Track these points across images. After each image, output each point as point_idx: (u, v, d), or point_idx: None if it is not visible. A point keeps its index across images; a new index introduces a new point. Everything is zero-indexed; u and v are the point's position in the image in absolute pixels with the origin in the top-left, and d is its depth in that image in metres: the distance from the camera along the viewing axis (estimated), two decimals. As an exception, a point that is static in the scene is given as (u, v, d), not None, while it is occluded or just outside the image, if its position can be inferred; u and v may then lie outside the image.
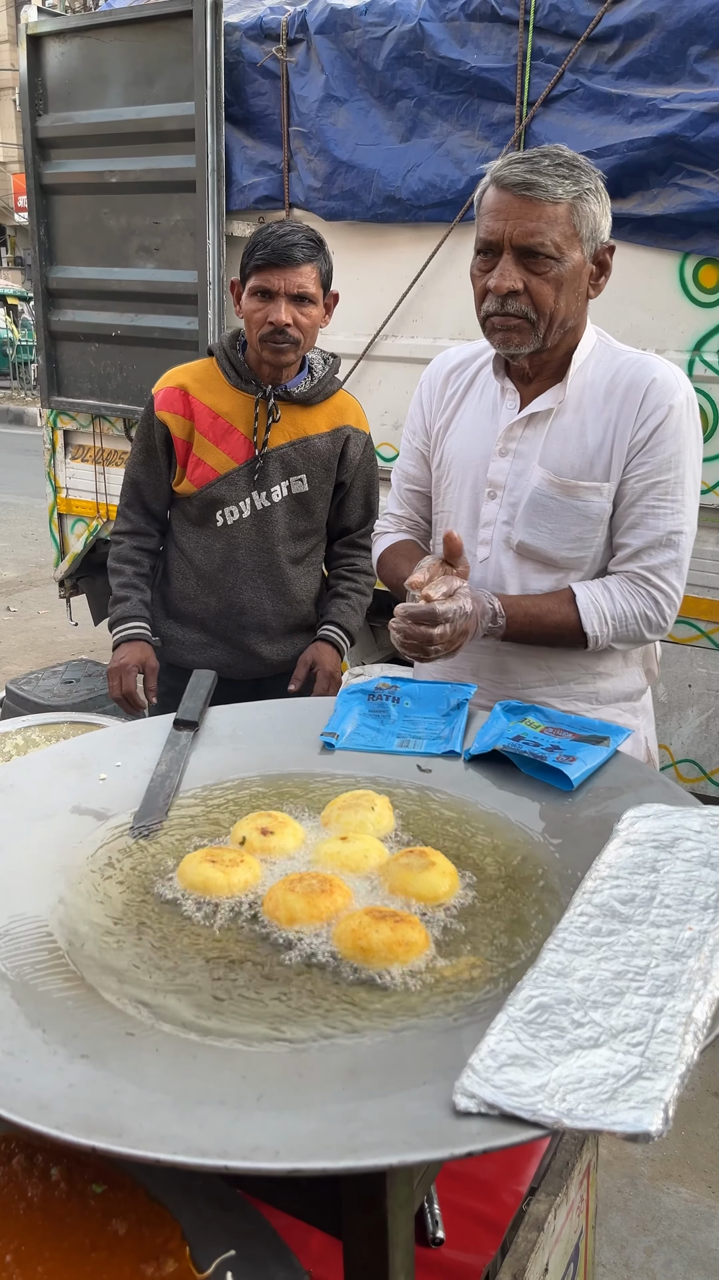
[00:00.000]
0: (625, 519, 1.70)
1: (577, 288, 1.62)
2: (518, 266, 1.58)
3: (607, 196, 1.62)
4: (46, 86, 3.99)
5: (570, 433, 1.70)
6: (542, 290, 1.59)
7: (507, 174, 1.57)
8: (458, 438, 1.83)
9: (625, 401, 1.66)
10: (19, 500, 9.75)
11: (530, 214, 1.55)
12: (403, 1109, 0.78)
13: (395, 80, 3.20)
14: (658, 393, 1.64)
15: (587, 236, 1.59)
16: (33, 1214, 0.83)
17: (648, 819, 1.17)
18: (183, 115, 3.58)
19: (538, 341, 1.64)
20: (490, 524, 1.77)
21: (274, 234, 2.13)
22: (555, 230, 1.55)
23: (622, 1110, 0.74)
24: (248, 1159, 0.72)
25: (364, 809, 1.24)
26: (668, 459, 1.65)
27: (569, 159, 1.58)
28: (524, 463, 1.73)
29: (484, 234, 1.61)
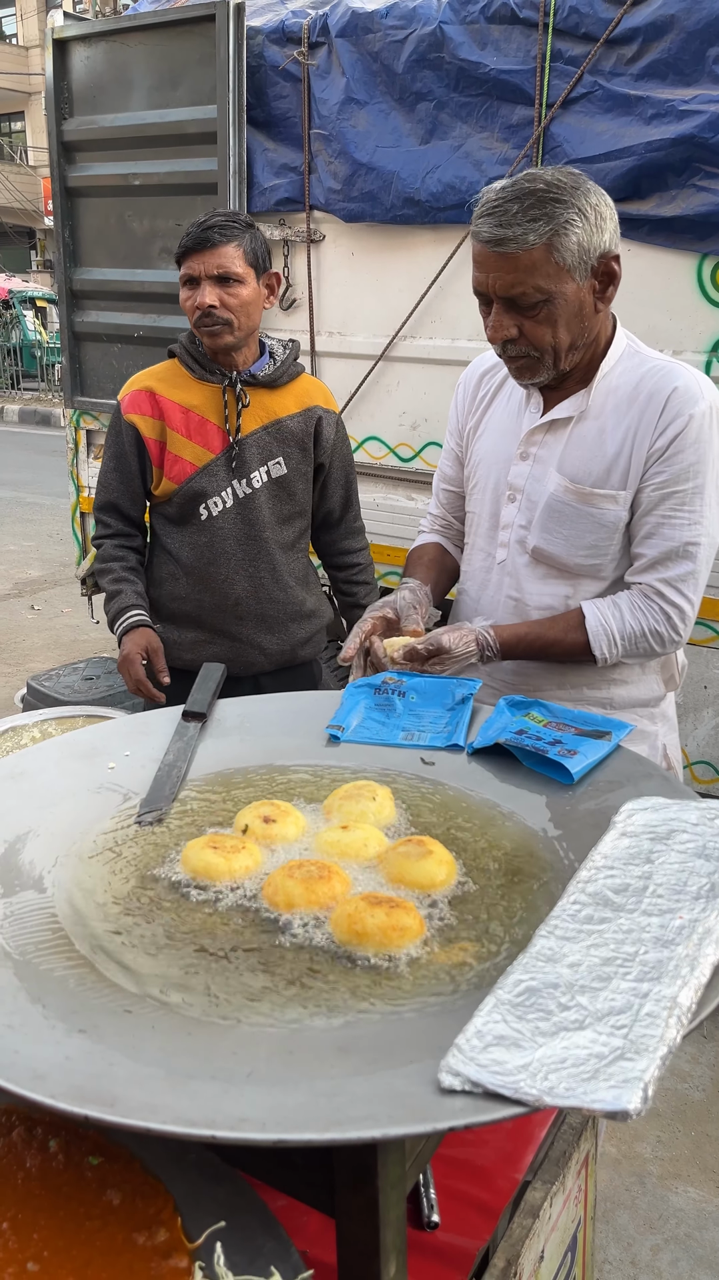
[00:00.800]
0: (642, 528, 1.68)
1: (578, 313, 1.60)
2: (508, 314, 1.59)
3: (599, 209, 1.55)
4: (72, 90, 4.04)
5: (590, 439, 1.69)
6: (536, 332, 1.59)
7: (479, 228, 1.55)
8: (486, 440, 1.85)
9: (647, 409, 1.64)
10: (45, 500, 9.86)
11: (506, 267, 1.54)
12: (389, 1085, 0.79)
13: (415, 83, 3.22)
14: (679, 401, 1.62)
15: (574, 264, 1.55)
16: (30, 1184, 0.86)
17: (645, 811, 1.18)
18: (205, 118, 3.61)
19: (551, 371, 1.66)
20: (509, 527, 1.78)
21: (200, 224, 2.18)
22: (536, 275, 1.54)
23: (602, 1089, 0.75)
24: (235, 1130, 0.74)
25: (365, 799, 1.26)
26: (686, 468, 1.63)
27: (541, 193, 1.52)
28: (543, 468, 1.73)
29: (474, 283, 1.62)
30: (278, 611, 2.40)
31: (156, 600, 2.42)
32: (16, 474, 11.31)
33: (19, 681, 5.20)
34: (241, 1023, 0.90)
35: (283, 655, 2.44)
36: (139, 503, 2.39)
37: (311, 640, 2.50)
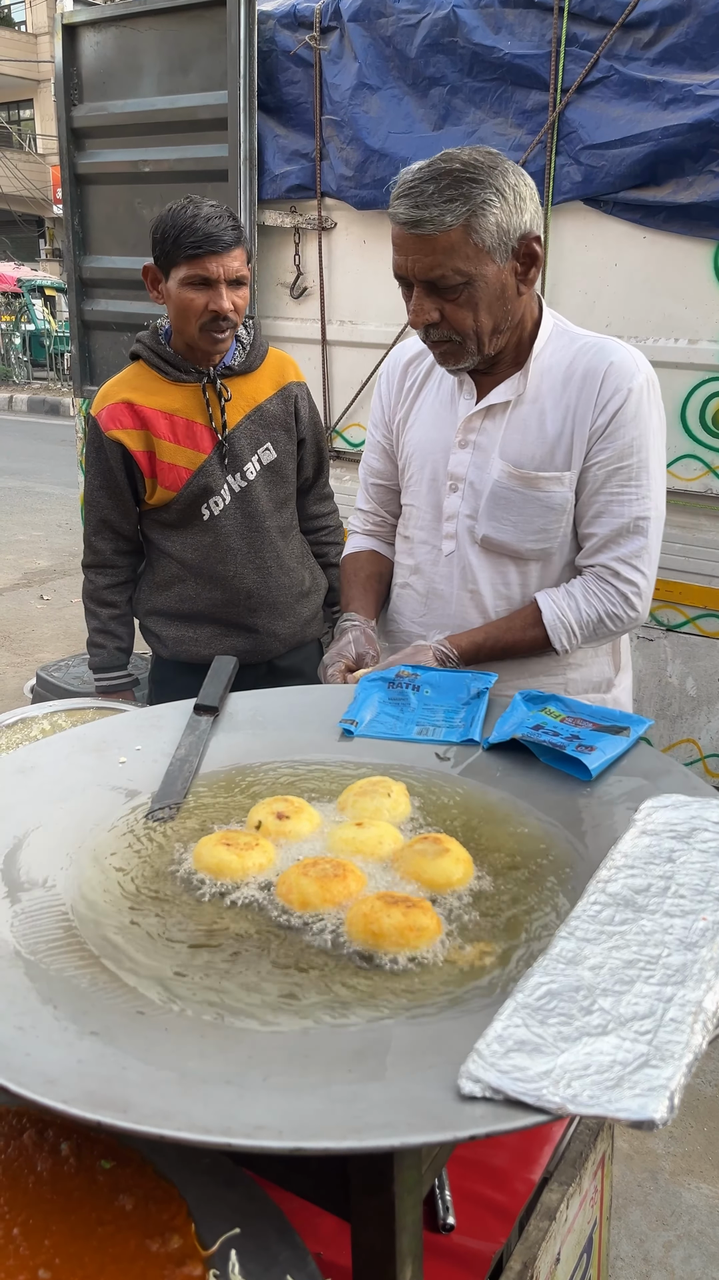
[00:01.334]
0: (590, 508, 1.68)
1: (499, 295, 1.58)
2: (429, 298, 1.57)
3: (517, 189, 1.53)
4: (81, 76, 4.01)
5: (530, 423, 1.68)
6: (457, 315, 1.57)
7: (396, 210, 1.53)
8: (418, 430, 1.81)
9: (584, 388, 1.64)
10: (54, 490, 9.84)
11: (424, 249, 1.52)
12: (408, 1091, 0.78)
13: (428, 68, 3.18)
14: (616, 376, 1.62)
15: (494, 245, 1.52)
16: (41, 1188, 0.84)
17: (666, 809, 1.16)
18: (216, 104, 3.58)
19: (473, 356, 1.63)
20: (454, 517, 1.76)
21: (200, 217, 2.05)
22: (455, 258, 1.51)
23: (627, 1097, 0.73)
24: (251, 1137, 0.72)
25: (380, 795, 1.24)
26: (629, 444, 1.63)
27: (458, 173, 1.49)
28: (484, 455, 1.71)
29: (394, 267, 1.59)
30: (285, 596, 2.39)
31: (165, 605, 2.38)
32: (26, 463, 11.30)
33: (28, 672, 5.19)
34: (256, 1025, 0.88)
35: (293, 637, 2.43)
36: (131, 515, 2.34)
37: (316, 617, 2.51)
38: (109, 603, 2.39)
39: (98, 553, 2.37)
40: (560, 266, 3.08)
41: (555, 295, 3.10)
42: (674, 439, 2.96)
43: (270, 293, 3.75)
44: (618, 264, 2.97)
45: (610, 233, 2.96)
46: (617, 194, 2.90)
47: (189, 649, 2.36)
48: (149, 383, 2.25)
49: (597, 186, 2.92)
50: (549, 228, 3.05)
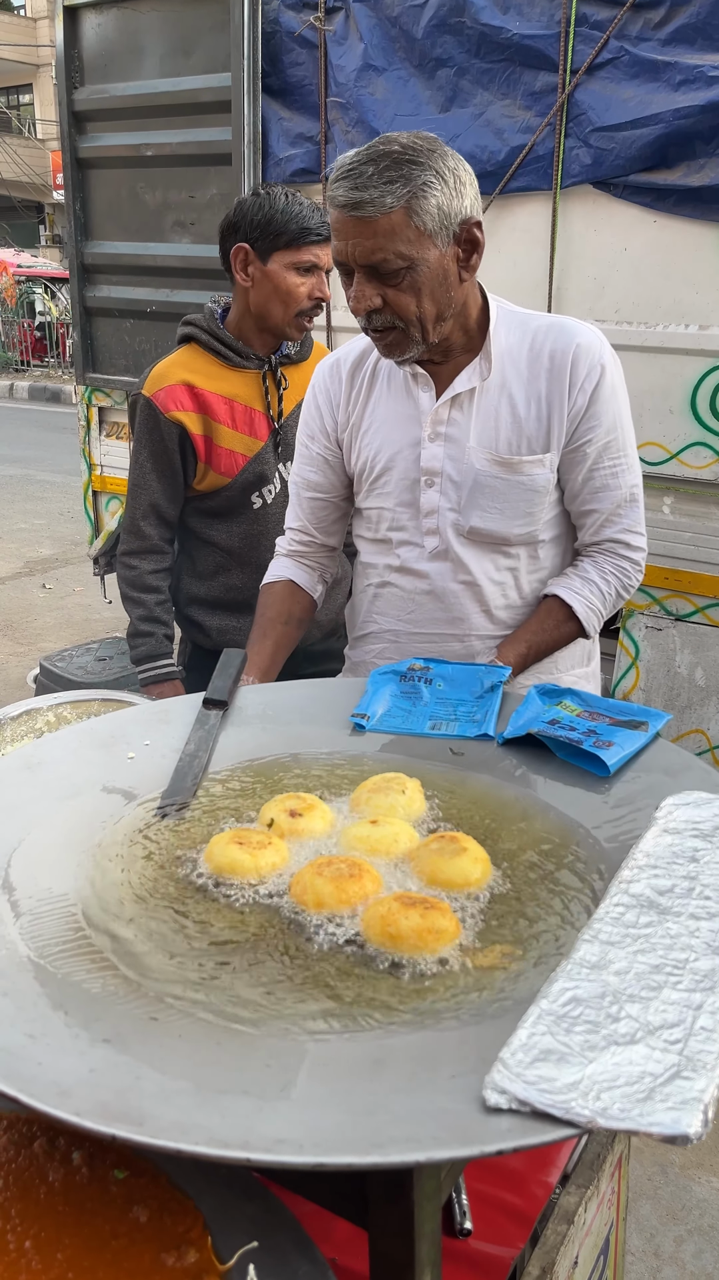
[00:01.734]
0: (585, 485, 1.70)
1: (442, 281, 1.55)
2: (371, 283, 1.53)
3: (457, 173, 1.51)
4: (83, 59, 3.96)
5: (500, 409, 1.66)
6: (400, 300, 1.53)
7: (334, 193, 1.49)
8: (376, 432, 1.76)
9: (554, 371, 1.63)
10: (55, 478, 9.81)
11: (365, 231, 1.48)
12: (431, 1103, 0.75)
13: (435, 49, 3.13)
14: (586, 356, 1.63)
15: (436, 229, 1.50)
16: (53, 1199, 0.82)
17: (688, 806, 1.14)
18: (219, 87, 3.53)
19: (418, 345, 1.60)
20: (434, 512, 1.72)
21: (307, 205, 2.10)
22: (396, 241, 1.48)
23: (659, 1111, 0.71)
24: (271, 1152, 0.70)
25: (395, 792, 1.21)
26: (613, 418, 1.67)
27: (397, 155, 1.47)
28: (458, 446, 1.68)
29: (333, 254, 1.56)
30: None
31: (208, 594, 2.36)
32: (26, 451, 11.26)
33: (31, 661, 5.17)
34: (272, 1031, 0.86)
35: (330, 622, 2.41)
36: (179, 500, 2.30)
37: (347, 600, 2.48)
38: (155, 588, 2.34)
39: (144, 538, 2.30)
40: (569, 251, 3.04)
41: (563, 280, 3.06)
42: (684, 426, 2.92)
43: (274, 278, 3.71)
44: (627, 248, 2.93)
45: (620, 216, 2.91)
46: (627, 177, 2.86)
47: (234, 638, 2.33)
48: (206, 366, 2.23)
49: (606, 169, 2.88)
50: (558, 211, 3.01)
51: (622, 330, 2.95)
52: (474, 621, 1.77)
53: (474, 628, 1.77)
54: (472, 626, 1.77)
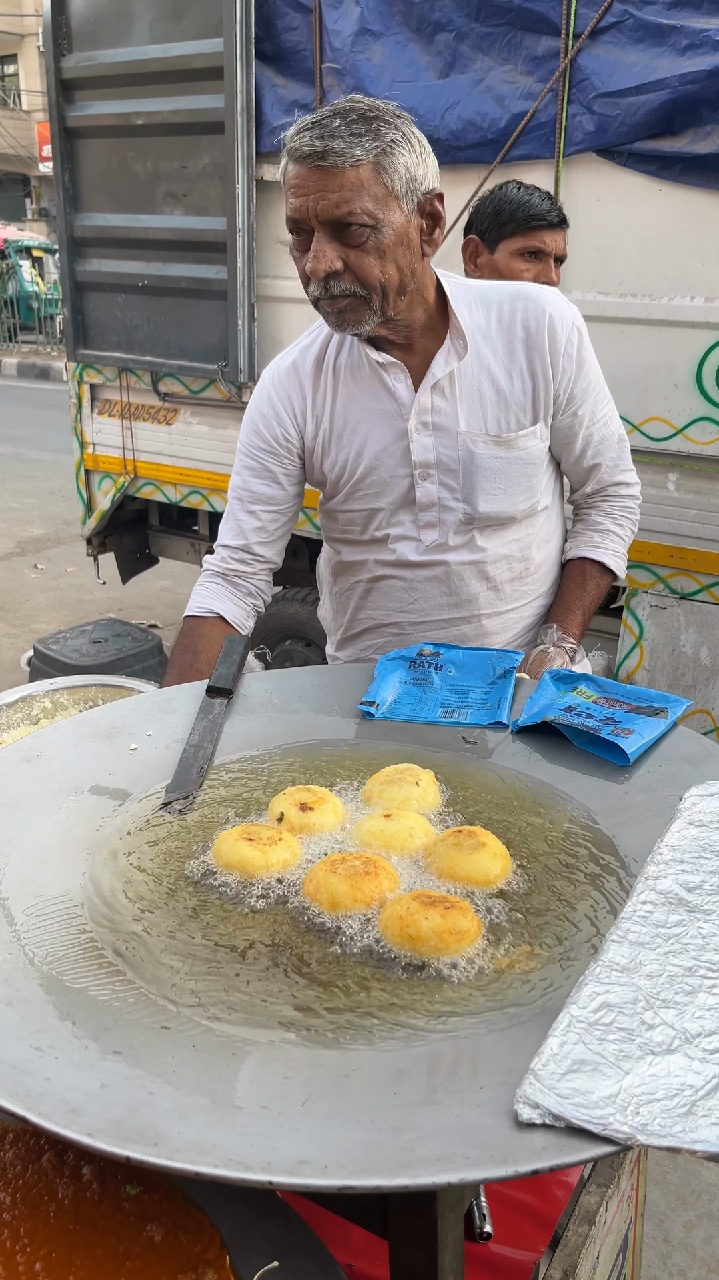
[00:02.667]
0: (587, 443, 1.74)
1: (405, 249, 1.47)
2: (332, 243, 1.44)
3: (422, 142, 1.46)
4: (71, 25, 3.86)
5: (483, 388, 1.61)
6: (363, 263, 1.45)
7: (298, 145, 1.41)
8: (353, 433, 1.66)
9: (532, 342, 1.61)
10: (45, 456, 9.71)
11: (331, 184, 1.40)
12: (460, 1119, 0.72)
13: (434, 12, 3.05)
14: (559, 323, 1.62)
15: (402, 191, 1.43)
16: (64, 1217, 0.79)
17: (713, 797, 1.10)
18: (211, 53, 3.44)
19: (376, 316, 1.51)
20: (433, 505, 1.67)
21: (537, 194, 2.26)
22: (363, 196, 1.40)
23: (703, 1127, 0.67)
24: (294, 1174, 0.66)
25: (408, 784, 1.17)
26: (594, 372, 1.70)
27: (364, 110, 1.42)
28: (448, 434, 1.62)
29: (290, 212, 1.45)
30: None
31: None
32: (16, 429, 11.14)
33: (24, 643, 5.11)
34: (289, 1040, 0.82)
35: None
36: None
37: None
38: None
39: None
40: (572, 221, 2.96)
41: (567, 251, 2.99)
42: (690, 401, 2.87)
43: (269, 250, 3.64)
44: (632, 219, 2.86)
45: (624, 185, 2.85)
46: (631, 145, 2.79)
47: None
48: None
49: (610, 137, 2.81)
50: (560, 180, 2.94)
51: (626, 303, 2.90)
52: (482, 600, 1.73)
53: (482, 606, 1.74)
54: (479, 606, 1.74)
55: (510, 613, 1.77)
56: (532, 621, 1.81)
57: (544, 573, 1.80)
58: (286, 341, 3.64)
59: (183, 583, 6.18)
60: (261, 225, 3.61)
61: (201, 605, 1.74)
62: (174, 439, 4.16)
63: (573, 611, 1.76)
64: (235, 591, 1.76)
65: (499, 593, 1.74)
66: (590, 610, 1.79)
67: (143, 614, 5.79)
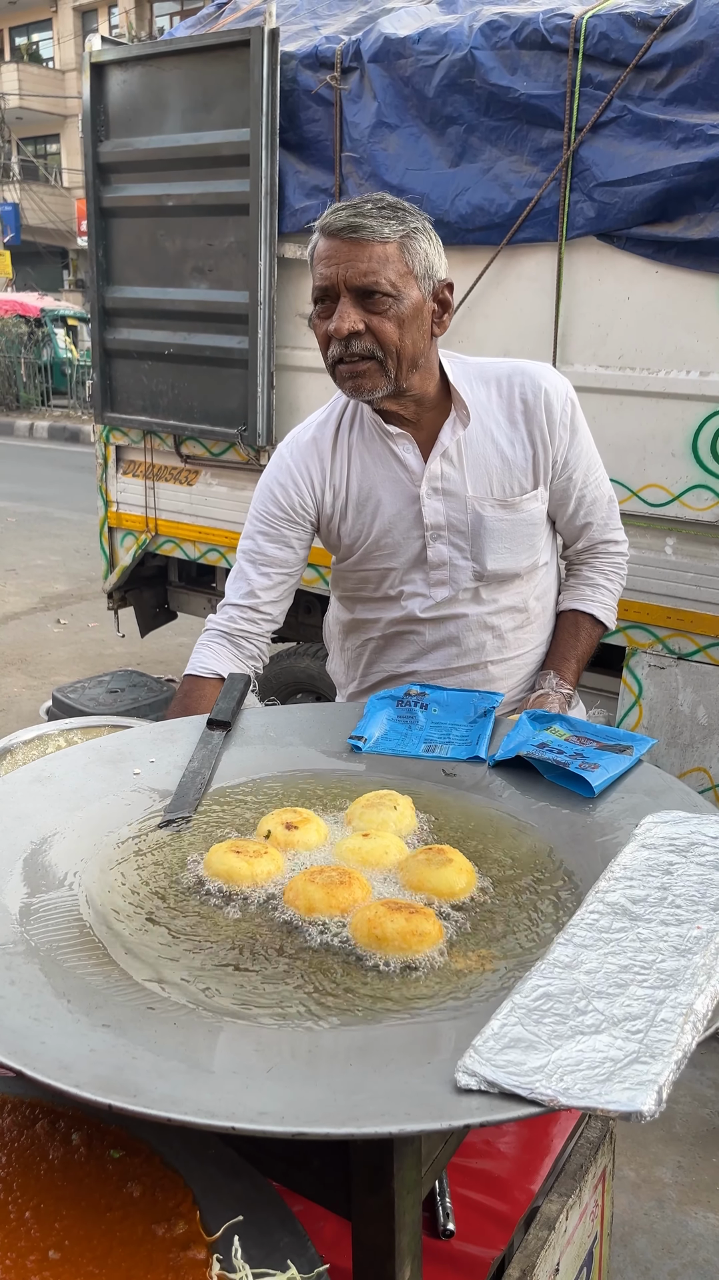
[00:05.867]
0: (580, 504, 1.86)
1: (419, 324, 1.63)
2: (356, 308, 1.58)
3: (437, 238, 1.64)
4: (108, 113, 4.12)
5: (488, 456, 1.75)
6: (384, 328, 1.59)
7: (332, 221, 1.58)
8: (369, 499, 1.78)
9: (531, 415, 1.75)
10: (72, 515, 9.96)
11: (361, 255, 1.56)
12: (407, 1084, 0.81)
13: (446, 107, 3.26)
14: (554, 396, 1.74)
15: (421, 274, 1.60)
16: (53, 1175, 0.87)
17: (666, 824, 1.19)
18: (238, 141, 3.67)
19: (390, 383, 1.64)
20: (444, 564, 1.79)
21: None
22: (389, 268, 1.57)
23: (616, 1090, 0.76)
24: (254, 1122, 0.75)
25: (387, 808, 1.27)
26: (587, 438, 1.83)
27: (392, 202, 1.60)
28: (458, 499, 1.76)
29: (319, 281, 1.60)
30: None
31: None
32: (45, 489, 11.43)
33: (44, 695, 5.24)
34: (263, 1022, 0.91)
35: None
36: None
37: None
38: None
39: None
40: (573, 299, 3.14)
41: (568, 327, 3.15)
42: (686, 469, 2.99)
43: (288, 323, 3.83)
44: (630, 297, 3.02)
45: (623, 267, 3.01)
46: (629, 229, 2.96)
47: None
48: None
49: (610, 222, 2.98)
50: (563, 261, 3.11)
51: (625, 375, 3.04)
52: (488, 649, 1.85)
53: (489, 654, 1.86)
54: (486, 654, 1.86)
55: (514, 659, 1.88)
56: (533, 667, 1.92)
57: (543, 622, 1.92)
58: (303, 407, 3.84)
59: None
60: (281, 299, 3.81)
61: (204, 665, 1.79)
62: (194, 499, 4.33)
63: (568, 660, 1.88)
64: (239, 654, 1.81)
65: (504, 641, 1.85)
66: (583, 658, 1.90)
67: (160, 668, 5.92)
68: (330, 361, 1.65)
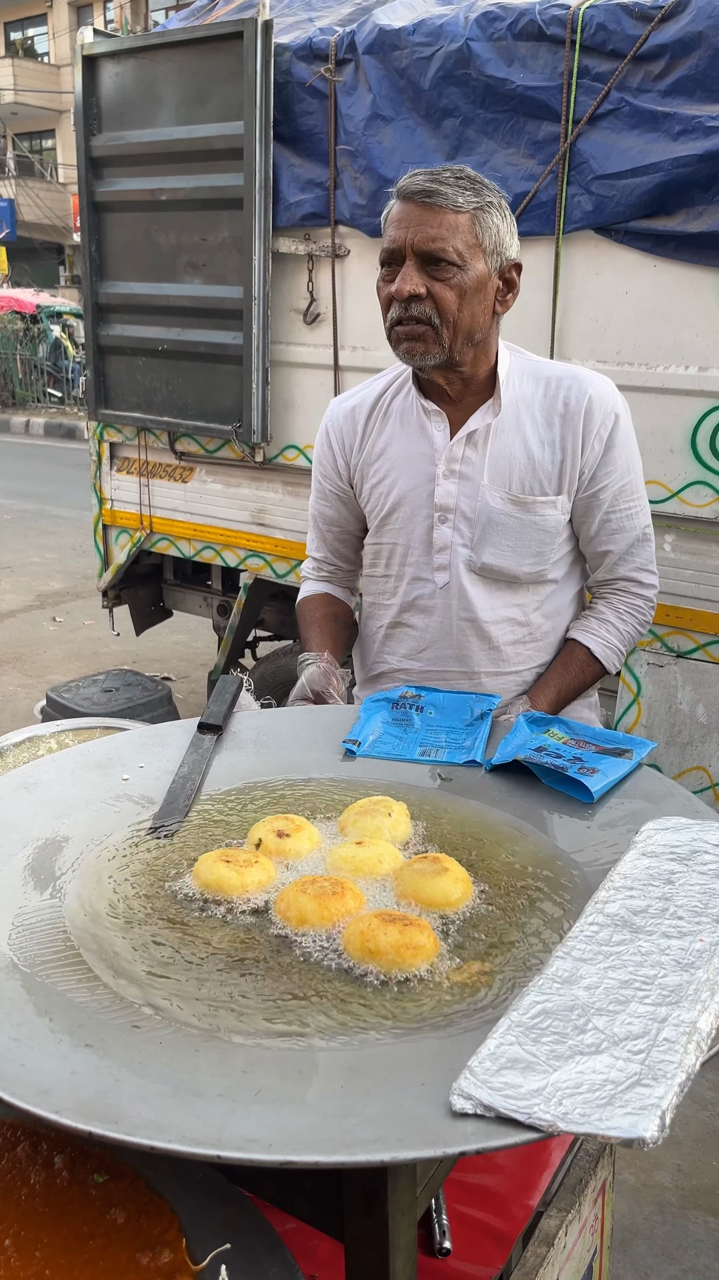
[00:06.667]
0: (602, 528, 1.78)
1: (482, 299, 1.62)
2: (420, 273, 1.58)
3: (512, 217, 1.63)
4: (101, 106, 4.08)
5: (514, 450, 1.72)
6: (445, 295, 1.59)
7: (409, 184, 1.59)
8: (390, 470, 1.81)
9: (568, 421, 1.70)
10: (68, 513, 9.91)
11: (432, 220, 1.56)
12: (400, 1107, 0.78)
13: (442, 99, 3.22)
14: (601, 407, 1.70)
15: (490, 249, 1.59)
16: (34, 1200, 0.84)
17: (667, 831, 1.16)
18: (232, 134, 3.63)
19: (443, 351, 1.64)
20: (446, 548, 1.77)
21: None
22: (457, 237, 1.56)
23: (618, 1116, 0.73)
24: (241, 1150, 0.72)
25: (381, 814, 1.24)
26: (627, 463, 1.75)
27: (472, 175, 1.59)
28: (472, 484, 1.73)
29: (387, 244, 1.62)
30: None
31: None
32: (41, 487, 11.39)
33: (39, 694, 5.21)
34: (250, 1041, 0.88)
35: None
36: None
37: None
38: None
39: None
40: (571, 294, 3.10)
41: (566, 322, 3.12)
42: (684, 466, 2.96)
43: (284, 319, 3.79)
44: (628, 292, 2.99)
45: (621, 261, 2.98)
46: (627, 223, 2.93)
47: None
48: None
49: (607, 215, 2.95)
50: (560, 256, 3.08)
51: (623, 371, 3.01)
52: (479, 659, 1.80)
53: (480, 665, 1.80)
54: (478, 664, 1.80)
55: (511, 675, 1.82)
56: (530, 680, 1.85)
57: (548, 643, 1.85)
58: (299, 403, 3.81)
59: (196, 636, 6.29)
60: (276, 294, 3.77)
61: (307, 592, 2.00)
62: (189, 496, 4.29)
63: (548, 687, 1.80)
64: (332, 584, 2.00)
65: (500, 654, 1.80)
66: (568, 690, 1.81)
67: (156, 667, 5.89)
68: (389, 324, 1.66)
